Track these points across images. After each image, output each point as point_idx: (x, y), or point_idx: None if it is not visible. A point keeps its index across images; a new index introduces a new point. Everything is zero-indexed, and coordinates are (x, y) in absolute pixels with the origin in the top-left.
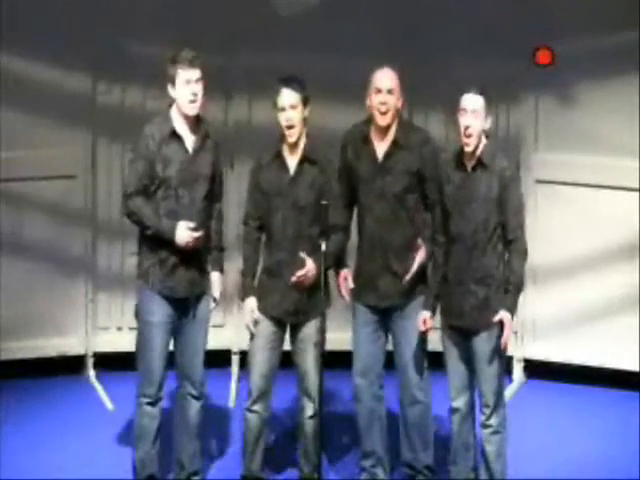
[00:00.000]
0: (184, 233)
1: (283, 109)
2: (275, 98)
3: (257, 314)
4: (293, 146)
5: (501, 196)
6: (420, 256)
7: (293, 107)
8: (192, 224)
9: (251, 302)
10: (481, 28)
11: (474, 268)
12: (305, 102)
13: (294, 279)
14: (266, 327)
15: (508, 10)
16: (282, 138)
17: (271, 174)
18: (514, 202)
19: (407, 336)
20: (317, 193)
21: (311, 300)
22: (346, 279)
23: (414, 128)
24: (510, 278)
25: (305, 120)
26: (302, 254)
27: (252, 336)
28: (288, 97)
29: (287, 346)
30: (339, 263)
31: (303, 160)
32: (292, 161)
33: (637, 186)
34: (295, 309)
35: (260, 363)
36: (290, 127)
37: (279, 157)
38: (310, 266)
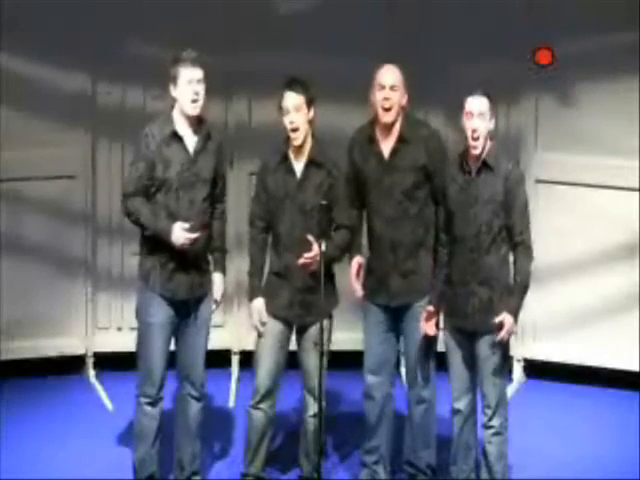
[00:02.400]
0: (179, 234)
1: (287, 112)
2: (279, 101)
3: (265, 315)
4: (299, 149)
5: (506, 199)
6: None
7: (297, 109)
8: (187, 225)
9: (259, 303)
10: (481, 28)
11: (477, 270)
12: (309, 104)
13: (301, 261)
14: (274, 326)
15: (508, 10)
16: (288, 141)
17: (278, 177)
18: (520, 205)
19: (415, 336)
20: (324, 196)
21: (319, 302)
22: (359, 266)
23: (419, 122)
24: (516, 278)
25: (311, 122)
26: (309, 237)
27: (259, 335)
28: (291, 100)
29: (293, 346)
30: (352, 252)
31: (309, 163)
32: (298, 164)
33: (637, 186)
34: (303, 311)
35: (267, 362)
36: (295, 130)
37: (286, 160)
38: (317, 250)
